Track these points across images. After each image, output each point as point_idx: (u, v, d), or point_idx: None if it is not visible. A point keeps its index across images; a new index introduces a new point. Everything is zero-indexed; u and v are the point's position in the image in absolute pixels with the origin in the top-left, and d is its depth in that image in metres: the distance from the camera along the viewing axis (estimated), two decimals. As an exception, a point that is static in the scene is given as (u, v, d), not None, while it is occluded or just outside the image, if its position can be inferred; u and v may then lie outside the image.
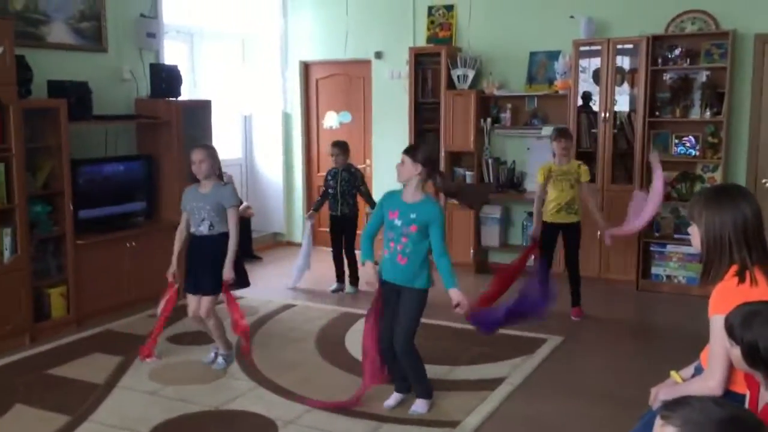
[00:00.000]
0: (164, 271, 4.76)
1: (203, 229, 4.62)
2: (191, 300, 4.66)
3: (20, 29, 5.36)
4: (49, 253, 5.46)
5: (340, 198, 6.52)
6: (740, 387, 2.25)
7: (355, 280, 6.61)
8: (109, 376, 4.55)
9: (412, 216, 3.84)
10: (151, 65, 6.50)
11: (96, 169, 5.88)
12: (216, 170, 4.69)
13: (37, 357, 4.91)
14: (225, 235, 4.62)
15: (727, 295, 2.24)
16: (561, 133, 5.70)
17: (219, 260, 4.57)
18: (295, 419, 3.92)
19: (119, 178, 6.05)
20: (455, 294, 3.87)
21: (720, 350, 2.22)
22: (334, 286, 6.69)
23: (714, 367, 2.27)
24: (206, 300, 4.62)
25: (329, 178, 6.60)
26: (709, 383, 2.27)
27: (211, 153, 4.70)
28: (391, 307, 3.99)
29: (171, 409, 4.05)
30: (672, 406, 1.50)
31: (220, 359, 4.74)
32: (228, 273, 4.57)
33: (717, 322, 2.23)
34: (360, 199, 6.63)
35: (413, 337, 3.98)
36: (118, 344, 5.13)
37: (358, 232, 6.51)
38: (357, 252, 5.57)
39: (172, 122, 6.30)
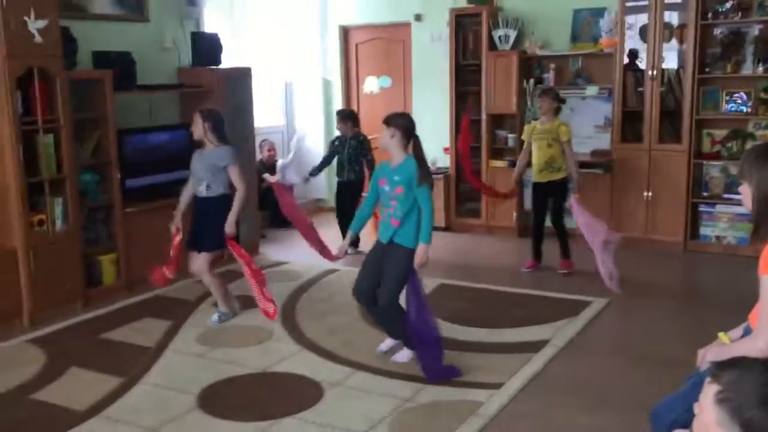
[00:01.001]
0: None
1: (202, 190, 4.84)
2: (192, 257, 4.92)
3: (64, 1, 5.43)
4: (99, 222, 5.60)
5: (347, 164, 6.65)
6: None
7: (357, 241, 6.61)
8: (159, 339, 4.68)
9: (396, 178, 4.02)
10: (192, 34, 6.53)
11: (141, 138, 5.97)
12: (211, 133, 4.82)
13: (89, 322, 5.07)
14: (225, 197, 4.84)
15: None
16: (541, 93, 5.89)
17: (216, 220, 4.76)
18: (340, 381, 3.98)
19: (164, 147, 6.13)
20: (421, 249, 3.99)
21: None
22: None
23: (764, 326, 2.22)
24: (201, 257, 4.86)
25: (336, 143, 6.71)
26: (758, 343, 2.23)
27: (204, 116, 4.84)
28: (372, 261, 4.16)
29: (219, 371, 4.15)
30: (722, 366, 1.49)
31: (215, 315, 4.96)
32: (230, 227, 4.76)
33: (767, 281, 2.18)
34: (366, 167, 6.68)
35: (399, 294, 4.09)
36: (167, 309, 5.26)
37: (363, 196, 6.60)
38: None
39: (214, 90, 6.35)
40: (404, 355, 4.23)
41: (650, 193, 6.52)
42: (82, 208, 5.35)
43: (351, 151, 6.64)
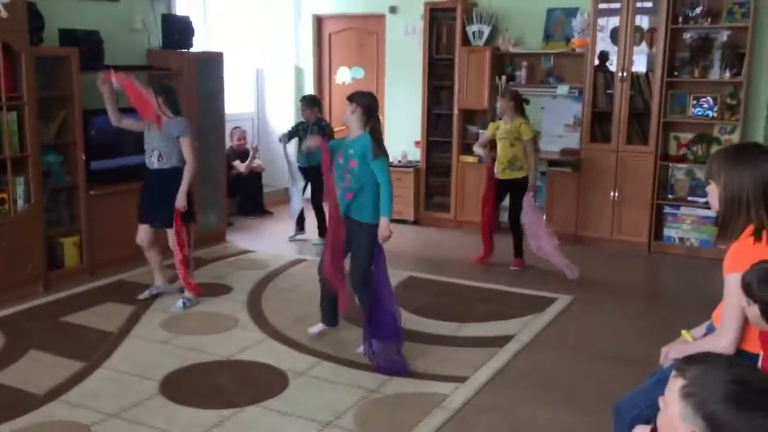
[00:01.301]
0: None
1: (153, 161, 4.85)
2: (141, 229, 4.98)
3: (31, -24, 5.29)
4: (62, 203, 5.49)
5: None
6: (753, 346, 2.25)
7: (323, 231, 6.60)
8: (122, 324, 4.61)
9: (350, 151, 4.08)
10: (163, 16, 6.42)
11: (108, 120, 5.84)
12: (165, 106, 4.85)
13: (50, 304, 4.97)
14: (178, 170, 4.84)
15: (743, 254, 2.22)
16: (500, 93, 6.02)
17: (171, 194, 4.79)
18: (305, 371, 3.96)
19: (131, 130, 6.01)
20: (383, 223, 4.03)
21: (734, 308, 2.22)
22: (292, 233, 6.87)
23: (727, 324, 2.26)
24: (170, 232, 4.89)
25: (300, 129, 6.64)
26: (721, 341, 2.27)
27: (156, 90, 4.89)
28: (333, 240, 4.17)
29: (183, 358, 4.10)
30: (688, 360, 1.51)
31: (179, 302, 4.94)
32: (180, 201, 4.79)
33: (732, 281, 2.22)
34: None
35: (368, 271, 4.10)
36: (130, 294, 5.17)
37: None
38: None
39: (184, 74, 6.26)
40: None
41: (617, 194, 6.61)
42: (45, 188, 5.24)
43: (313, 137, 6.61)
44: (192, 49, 6.42)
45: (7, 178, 4.93)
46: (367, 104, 4.17)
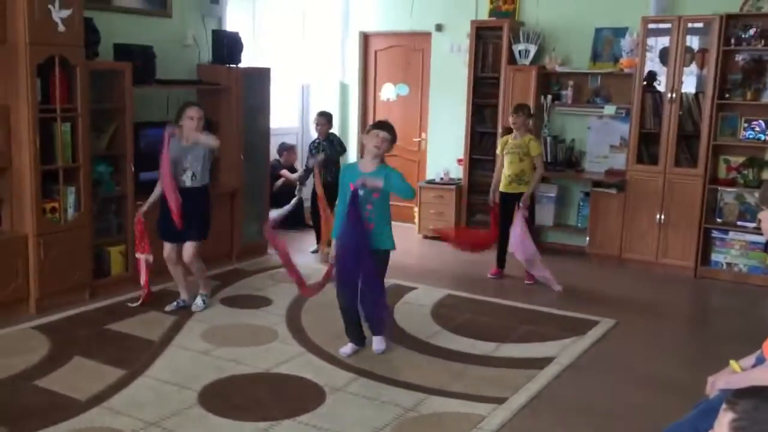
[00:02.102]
0: (221, 234, 4.90)
1: (186, 180, 4.95)
2: (167, 246, 5.07)
3: (89, -8, 5.47)
4: (111, 213, 5.61)
5: (324, 167, 6.64)
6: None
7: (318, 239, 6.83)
8: (163, 333, 4.68)
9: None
10: (214, 31, 6.56)
11: (158, 132, 5.91)
12: (202, 126, 4.99)
13: (96, 312, 5.08)
14: (207, 187, 5.07)
15: None
16: (515, 109, 6.00)
17: (202, 210, 5.02)
18: (343, 386, 3.97)
19: (179, 142, 6.13)
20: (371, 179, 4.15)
21: None
22: (314, 247, 6.95)
23: None
24: (191, 245, 5.02)
25: (312, 149, 6.77)
26: None
27: (203, 110, 5.04)
28: (350, 270, 4.23)
29: (222, 369, 4.14)
30: (740, 394, 1.47)
31: (199, 299, 5.16)
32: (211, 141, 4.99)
33: None
34: None
35: (384, 285, 4.36)
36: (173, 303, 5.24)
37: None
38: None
39: (232, 89, 6.37)
40: (378, 342, 4.45)
41: (663, 216, 6.49)
42: (95, 198, 5.37)
43: (328, 154, 6.70)
44: (240, 65, 6.53)
45: (59, 188, 5.06)
46: (394, 137, 4.31)
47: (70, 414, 3.53)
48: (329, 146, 6.73)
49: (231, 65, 6.45)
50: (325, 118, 6.83)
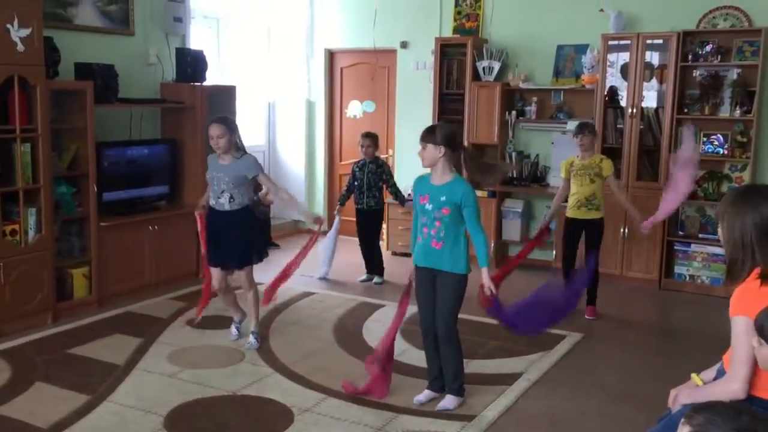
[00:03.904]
0: (186, 255, 4.82)
1: (224, 203, 4.63)
2: (215, 273, 4.78)
3: (49, 10, 5.40)
4: (73, 234, 5.52)
5: (366, 191, 6.43)
6: (766, 392, 2.22)
7: (381, 270, 6.62)
8: (128, 357, 4.59)
9: (443, 198, 3.77)
10: (177, 50, 6.52)
11: (120, 152, 5.92)
12: (235, 143, 4.67)
13: (58, 336, 4.97)
14: (247, 209, 4.70)
15: (750, 297, 2.21)
16: (580, 128, 5.62)
17: (249, 231, 4.70)
18: (311, 407, 3.93)
19: (143, 162, 6.08)
20: (484, 273, 3.81)
21: (743, 352, 2.19)
22: (364, 276, 6.70)
23: (736, 368, 2.23)
24: (241, 274, 4.76)
25: (356, 169, 6.52)
26: (732, 385, 2.24)
27: (230, 127, 4.65)
28: (425, 293, 3.94)
29: (188, 392, 4.08)
30: (698, 408, 1.51)
31: (252, 338, 4.82)
32: (303, 208, 5.01)
33: (738, 323, 2.21)
34: (386, 192, 6.61)
35: (456, 324, 3.93)
36: (138, 326, 5.17)
37: (384, 225, 6.52)
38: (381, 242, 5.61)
39: (196, 107, 6.33)
40: (450, 401, 3.96)
41: (627, 230, 6.58)
42: (56, 219, 5.27)
43: (371, 176, 6.42)
44: (205, 83, 6.50)
45: (19, 209, 4.97)
46: (451, 141, 3.80)
47: (31, 443, 3.44)
48: (376, 169, 6.40)
49: (195, 83, 6.42)
50: (370, 139, 6.43)
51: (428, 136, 3.82)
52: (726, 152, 6.38)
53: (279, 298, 5.92)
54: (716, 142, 6.42)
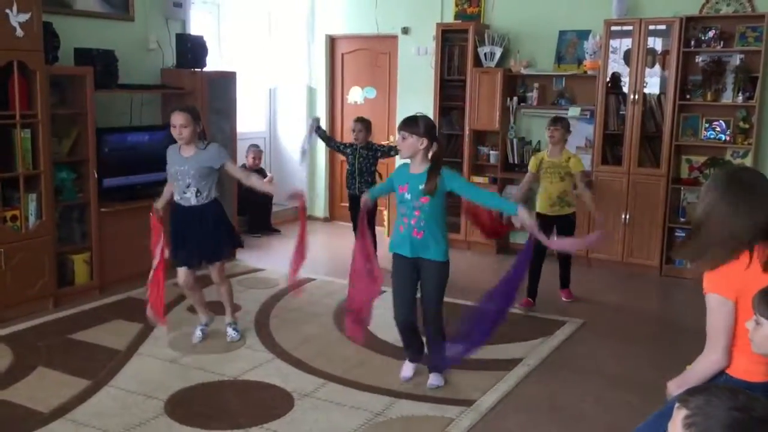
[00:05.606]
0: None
1: (190, 197, 4.38)
2: (182, 272, 4.49)
3: (48, -5, 5.38)
4: (74, 220, 5.52)
5: (357, 176, 6.34)
6: (759, 376, 2.23)
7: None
8: (129, 342, 4.61)
9: (421, 187, 3.78)
10: (178, 35, 6.49)
11: (121, 137, 5.90)
12: (199, 134, 4.42)
13: (60, 321, 4.99)
14: (215, 202, 4.47)
15: (727, 275, 2.25)
16: (554, 122, 5.50)
17: (219, 225, 4.46)
18: (311, 392, 3.95)
19: (143, 148, 6.06)
20: (523, 213, 3.68)
21: (718, 323, 2.25)
22: None
23: (714, 340, 2.27)
24: (216, 268, 4.58)
25: (348, 151, 6.41)
26: (711, 356, 2.29)
27: (195, 116, 4.39)
28: (402, 284, 3.96)
29: (189, 378, 4.10)
30: (691, 391, 1.51)
31: (230, 330, 4.71)
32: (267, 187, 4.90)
33: (712, 300, 2.28)
34: (377, 179, 6.57)
35: (442, 310, 3.98)
36: (139, 311, 5.13)
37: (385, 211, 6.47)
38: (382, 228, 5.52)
39: (197, 93, 6.31)
40: (436, 378, 4.05)
41: (628, 216, 6.58)
42: (57, 205, 5.27)
43: (362, 161, 6.31)
44: (205, 69, 6.47)
45: (19, 195, 4.97)
46: (432, 132, 3.83)
47: (32, 426, 3.46)
48: (367, 154, 6.27)
49: (196, 69, 6.39)
50: (362, 124, 6.30)
51: (410, 126, 3.81)
52: (728, 138, 6.36)
53: (280, 285, 5.95)
54: (718, 128, 6.39)
